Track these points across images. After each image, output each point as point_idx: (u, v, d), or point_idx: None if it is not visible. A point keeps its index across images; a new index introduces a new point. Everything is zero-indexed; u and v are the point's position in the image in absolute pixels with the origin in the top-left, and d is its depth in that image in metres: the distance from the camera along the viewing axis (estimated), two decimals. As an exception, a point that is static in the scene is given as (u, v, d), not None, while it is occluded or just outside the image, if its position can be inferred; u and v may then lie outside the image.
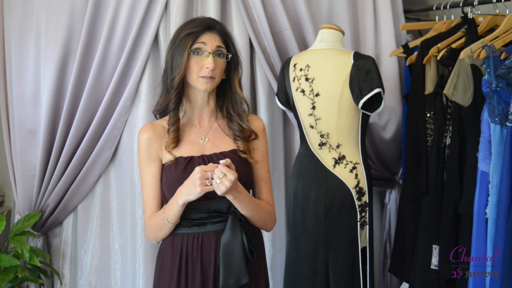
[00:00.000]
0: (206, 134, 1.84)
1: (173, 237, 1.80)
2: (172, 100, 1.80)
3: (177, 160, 1.78)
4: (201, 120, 1.86)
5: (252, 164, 1.85)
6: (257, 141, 1.87)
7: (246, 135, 1.83)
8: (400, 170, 2.95)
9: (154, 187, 1.81)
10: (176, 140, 1.80)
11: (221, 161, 1.64)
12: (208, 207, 1.76)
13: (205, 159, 1.78)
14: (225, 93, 1.85)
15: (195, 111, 1.85)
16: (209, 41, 1.76)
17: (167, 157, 1.79)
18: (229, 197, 1.70)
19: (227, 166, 1.64)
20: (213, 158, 1.79)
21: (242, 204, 1.73)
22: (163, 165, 1.81)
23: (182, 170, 1.75)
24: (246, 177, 1.80)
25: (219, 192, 1.64)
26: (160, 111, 1.87)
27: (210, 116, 1.86)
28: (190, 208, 1.74)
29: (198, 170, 1.64)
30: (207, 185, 1.64)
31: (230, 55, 1.80)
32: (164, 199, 1.82)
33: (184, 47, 1.76)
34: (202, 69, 1.75)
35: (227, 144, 1.83)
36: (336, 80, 2.29)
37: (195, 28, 1.77)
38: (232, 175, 1.62)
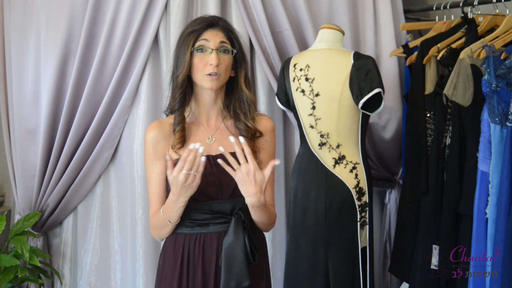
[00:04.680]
0: (213, 134, 1.83)
1: (175, 237, 1.80)
2: (177, 99, 1.79)
3: None
4: (209, 119, 1.84)
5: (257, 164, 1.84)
6: (264, 141, 1.86)
7: (251, 134, 1.82)
8: (400, 170, 2.95)
9: (159, 185, 1.80)
10: (182, 140, 1.79)
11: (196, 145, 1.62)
12: (211, 208, 1.75)
13: (210, 160, 1.76)
14: (232, 91, 1.84)
15: (203, 110, 1.83)
16: (212, 38, 1.75)
17: (174, 156, 1.79)
18: (248, 204, 1.69)
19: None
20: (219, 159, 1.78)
21: (257, 213, 1.73)
22: None
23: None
24: None
25: (236, 178, 1.65)
26: (170, 111, 1.87)
27: (218, 115, 1.85)
28: (193, 208, 1.74)
29: (175, 175, 1.62)
30: (194, 175, 1.63)
31: (235, 51, 1.79)
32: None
33: (187, 45, 1.75)
34: (207, 66, 1.73)
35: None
36: (336, 80, 2.29)
37: (198, 25, 1.77)
38: (252, 166, 1.64)
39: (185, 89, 1.79)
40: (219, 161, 1.65)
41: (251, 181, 1.64)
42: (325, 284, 2.32)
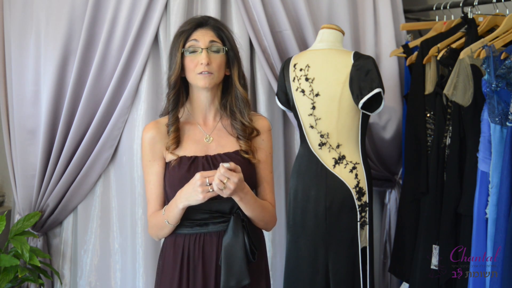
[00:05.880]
0: (210, 133, 1.83)
1: (175, 237, 1.80)
2: (170, 100, 1.81)
3: (181, 159, 1.77)
4: (206, 119, 1.85)
5: (255, 164, 1.85)
6: (261, 141, 1.87)
7: (248, 133, 1.83)
8: (400, 170, 2.95)
9: (157, 185, 1.81)
10: (176, 141, 1.79)
11: (225, 164, 1.62)
12: (210, 208, 1.76)
13: (209, 160, 1.77)
14: (228, 89, 1.85)
15: (200, 110, 1.84)
16: (201, 37, 1.76)
17: (171, 156, 1.79)
18: (235, 198, 1.70)
19: (232, 169, 1.62)
20: (217, 159, 1.78)
21: (248, 205, 1.73)
22: (166, 164, 1.81)
23: (186, 170, 1.75)
24: (249, 177, 1.79)
25: (224, 195, 1.64)
26: (166, 112, 1.87)
27: (215, 115, 1.85)
28: (192, 208, 1.74)
29: (198, 177, 1.63)
30: (209, 191, 1.63)
31: (226, 49, 1.79)
32: (166, 198, 1.82)
33: (177, 46, 1.78)
34: (198, 66, 1.75)
35: (231, 144, 1.82)
36: (336, 80, 2.29)
37: (187, 26, 1.79)
38: (235, 177, 1.61)
39: (178, 90, 1.80)
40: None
41: (241, 183, 1.65)
42: (325, 284, 2.32)
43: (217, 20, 1.84)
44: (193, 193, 1.65)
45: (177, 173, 1.76)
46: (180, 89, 1.81)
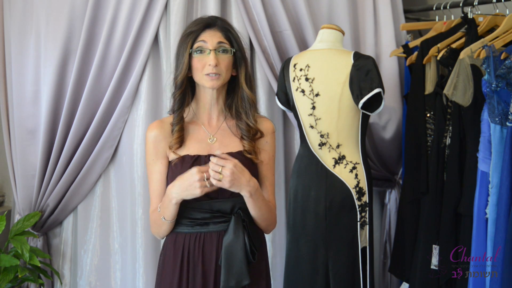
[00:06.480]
0: (214, 133, 1.84)
1: (175, 236, 1.80)
2: (176, 99, 1.81)
3: (184, 158, 1.78)
4: (210, 119, 1.85)
5: (258, 164, 1.85)
6: (265, 143, 1.87)
7: (252, 134, 1.83)
8: (400, 170, 2.95)
9: (159, 184, 1.81)
10: (180, 141, 1.80)
11: (216, 152, 1.64)
12: (211, 207, 1.76)
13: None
14: (234, 90, 1.85)
15: (204, 110, 1.85)
16: (209, 38, 1.76)
17: (174, 155, 1.80)
18: (245, 194, 1.71)
19: (223, 158, 1.64)
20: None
21: (256, 203, 1.74)
22: (169, 162, 1.81)
23: (188, 168, 1.75)
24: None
25: (226, 186, 1.65)
26: (172, 111, 1.88)
27: (219, 115, 1.86)
28: (193, 207, 1.75)
29: (195, 172, 1.65)
30: (206, 186, 1.65)
31: (233, 50, 1.79)
32: None
33: (185, 47, 1.77)
34: (206, 67, 1.75)
35: (234, 144, 1.82)
36: (336, 80, 2.29)
37: (195, 27, 1.79)
38: (230, 164, 1.63)
39: (184, 90, 1.81)
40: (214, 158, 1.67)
41: (241, 171, 1.66)
42: (325, 284, 2.32)
43: (225, 20, 1.84)
44: (189, 187, 1.66)
45: (180, 171, 1.76)
46: (186, 89, 1.82)
